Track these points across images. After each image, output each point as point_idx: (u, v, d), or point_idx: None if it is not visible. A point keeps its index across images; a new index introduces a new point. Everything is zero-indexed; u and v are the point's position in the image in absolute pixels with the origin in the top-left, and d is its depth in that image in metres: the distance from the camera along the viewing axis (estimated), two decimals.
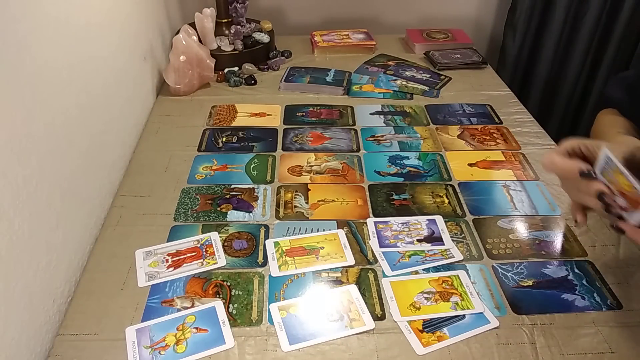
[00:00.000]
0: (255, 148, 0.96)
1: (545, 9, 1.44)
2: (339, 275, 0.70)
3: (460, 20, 1.52)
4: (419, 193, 0.85)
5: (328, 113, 1.08)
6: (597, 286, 0.68)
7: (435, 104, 1.11)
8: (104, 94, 0.85)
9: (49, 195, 0.65)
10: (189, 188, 0.85)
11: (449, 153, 0.95)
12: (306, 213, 0.80)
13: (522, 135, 1.00)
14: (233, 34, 1.23)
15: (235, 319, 0.63)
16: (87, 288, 0.68)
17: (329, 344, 0.61)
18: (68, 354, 0.59)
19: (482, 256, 0.73)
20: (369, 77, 1.22)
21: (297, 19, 1.51)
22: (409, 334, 0.62)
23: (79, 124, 0.75)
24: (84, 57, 0.78)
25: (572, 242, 0.75)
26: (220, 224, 0.78)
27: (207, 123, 1.03)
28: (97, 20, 0.84)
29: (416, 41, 1.35)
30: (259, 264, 0.71)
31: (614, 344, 0.61)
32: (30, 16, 0.62)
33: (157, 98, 1.12)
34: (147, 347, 0.60)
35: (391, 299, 0.66)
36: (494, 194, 0.85)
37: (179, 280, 0.68)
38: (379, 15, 1.52)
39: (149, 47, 1.09)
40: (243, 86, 1.18)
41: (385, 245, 0.74)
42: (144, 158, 0.93)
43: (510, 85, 1.23)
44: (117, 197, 0.83)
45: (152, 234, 0.75)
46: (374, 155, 0.94)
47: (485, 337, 0.62)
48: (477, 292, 0.67)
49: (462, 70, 1.25)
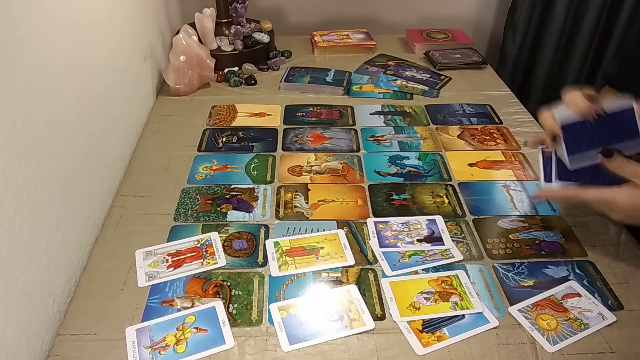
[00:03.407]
0: (255, 148, 0.96)
1: (545, 9, 1.44)
2: (339, 275, 0.70)
3: (460, 20, 1.52)
4: (419, 193, 0.85)
5: (328, 113, 1.08)
6: (597, 286, 0.68)
7: (435, 104, 1.11)
8: (103, 94, 0.85)
9: (49, 195, 0.65)
10: (189, 188, 0.85)
11: (449, 153, 0.95)
12: (306, 213, 0.80)
13: (522, 135, 1.00)
14: (233, 34, 1.23)
15: (235, 319, 0.63)
16: (87, 288, 0.68)
17: (329, 344, 0.61)
18: (68, 354, 0.59)
19: (482, 256, 0.73)
20: (369, 77, 1.22)
21: (297, 19, 1.51)
22: (408, 334, 0.62)
23: (79, 124, 0.75)
24: (84, 57, 0.78)
25: (572, 242, 0.75)
26: (220, 224, 0.78)
27: (207, 123, 1.03)
28: (97, 20, 0.84)
29: (416, 41, 1.35)
30: (259, 264, 0.71)
31: (614, 344, 0.61)
32: (31, 16, 0.62)
33: (157, 98, 1.12)
34: (147, 347, 0.60)
35: (391, 299, 0.66)
36: (494, 194, 0.85)
37: (179, 280, 0.68)
38: (379, 15, 1.52)
39: (149, 47, 1.09)
40: (243, 86, 1.18)
41: (385, 245, 0.74)
42: (144, 158, 0.93)
43: (510, 85, 1.23)
44: (117, 197, 0.83)
45: (152, 234, 0.75)
46: (374, 155, 0.94)
47: (485, 337, 0.62)
48: (476, 292, 0.67)
49: (462, 70, 1.25)
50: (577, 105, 0.67)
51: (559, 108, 0.69)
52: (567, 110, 0.68)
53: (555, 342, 0.61)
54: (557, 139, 0.69)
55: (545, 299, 0.66)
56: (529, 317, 0.64)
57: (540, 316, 0.64)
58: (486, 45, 1.61)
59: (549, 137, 0.70)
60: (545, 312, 0.64)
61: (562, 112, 0.69)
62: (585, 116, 0.67)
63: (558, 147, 0.70)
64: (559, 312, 0.64)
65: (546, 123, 0.70)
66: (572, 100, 0.68)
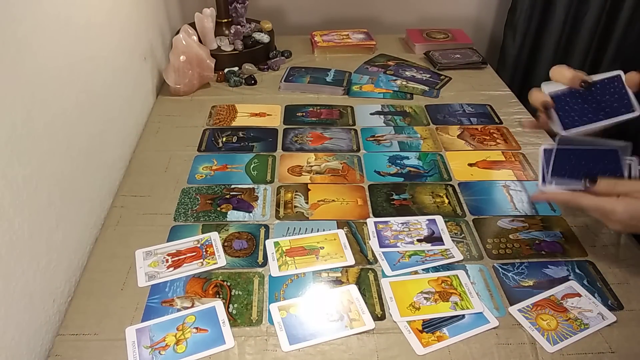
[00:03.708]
0: (255, 148, 0.96)
1: (545, 9, 1.44)
2: (339, 275, 0.70)
3: (460, 20, 1.52)
4: (419, 193, 0.85)
5: (328, 113, 1.08)
6: (597, 286, 0.68)
7: (435, 104, 1.11)
8: (103, 94, 0.85)
9: (49, 195, 0.65)
10: (189, 188, 0.85)
11: (449, 153, 0.95)
12: (306, 213, 0.80)
13: (522, 135, 1.00)
14: (233, 34, 1.23)
15: (235, 319, 0.63)
16: (87, 288, 0.68)
17: (329, 344, 0.61)
18: (68, 354, 0.59)
19: (482, 256, 0.73)
20: (369, 77, 1.22)
21: (297, 19, 1.51)
22: (408, 334, 0.62)
23: (79, 124, 0.75)
24: (84, 57, 0.78)
25: (572, 242, 0.75)
26: (220, 224, 0.78)
27: (207, 123, 1.03)
28: (97, 20, 0.84)
29: (416, 41, 1.35)
30: (259, 264, 0.71)
31: (614, 344, 0.61)
32: (31, 16, 0.62)
33: (157, 98, 1.12)
34: (147, 347, 0.60)
35: (391, 299, 0.66)
36: (494, 194, 0.85)
37: (179, 280, 0.68)
38: (379, 15, 1.52)
39: (149, 47, 1.09)
40: (243, 86, 1.18)
41: (385, 245, 0.74)
42: (144, 158, 0.93)
43: (510, 85, 1.23)
44: (117, 197, 0.83)
45: (152, 234, 0.75)
46: (374, 155, 0.94)
47: (485, 337, 0.62)
48: (476, 292, 0.67)
49: (462, 70, 1.25)
50: (563, 74, 0.68)
51: (547, 82, 0.70)
52: (554, 83, 0.69)
53: (555, 342, 0.61)
54: (548, 112, 0.69)
55: (545, 299, 0.66)
56: (529, 317, 0.64)
57: (540, 316, 0.64)
58: (486, 45, 1.61)
59: (541, 109, 0.69)
60: (545, 312, 0.64)
61: (550, 84, 0.69)
62: (572, 83, 0.67)
63: (550, 118, 0.69)
64: (559, 312, 0.64)
65: (535, 98, 0.70)
66: (559, 71, 0.68)
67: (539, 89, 0.70)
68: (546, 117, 0.69)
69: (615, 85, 0.66)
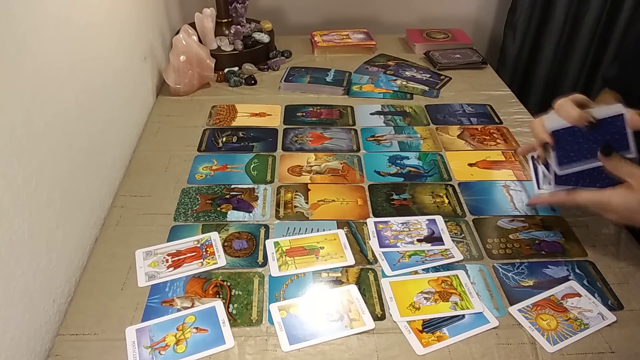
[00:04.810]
0: (255, 148, 0.96)
1: (545, 9, 1.44)
2: (339, 275, 0.70)
3: (460, 20, 1.52)
4: (419, 193, 0.85)
5: (328, 113, 1.08)
6: (597, 286, 0.68)
7: (435, 104, 1.11)
8: (103, 94, 0.85)
9: (49, 195, 0.65)
10: (189, 188, 0.85)
11: (449, 153, 0.95)
12: (306, 213, 0.80)
13: (522, 135, 1.00)
14: (233, 34, 1.23)
15: (235, 319, 0.63)
16: (87, 288, 0.68)
17: (329, 344, 0.61)
18: (68, 354, 0.59)
19: (482, 256, 0.73)
20: (369, 77, 1.22)
21: (297, 19, 1.51)
22: (408, 334, 0.62)
23: (79, 124, 0.75)
24: (84, 57, 0.78)
25: (572, 242, 0.75)
26: (220, 224, 0.78)
27: (207, 123, 1.03)
28: (97, 20, 0.84)
29: (416, 41, 1.35)
30: (259, 264, 0.71)
31: (614, 344, 0.61)
32: (31, 16, 0.62)
33: (157, 98, 1.12)
34: (147, 347, 0.60)
35: (391, 299, 0.66)
36: (494, 194, 0.85)
37: (179, 280, 0.68)
38: (379, 15, 1.52)
39: (149, 47, 1.09)
40: (243, 86, 1.18)
41: (385, 245, 0.74)
42: (144, 158, 0.93)
43: (510, 85, 1.23)
44: (117, 197, 0.83)
45: (152, 234, 0.75)
46: (374, 155, 0.94)
47: (485, 337, 0.62)
48: (476, 292, 0.67)
49: (462, 70, 1.25)
50: (568, 112, 0.67)
51: (549, 115, 0.70)
52: (557, 118, 0.68)
53: (555, 342, 0.61)
54: (546, 146, 0.69)
55: (545, 299, 0.66)
56: (529, 317, 0.64)
57: (540, 316, 0.64)
58: (486, 45, 1.61)
59: (539, 145, 0.70)
60: (545, 312, 0.64)
61: (552, 119, 0.69)
62: (577, 123, 0.67)
63: (548, 155, 0.70)
64: (559, 312, 0.64)
65: (536, 131, 0.70)
66: (563, 108, 0.68)
67: (540, 120, 0.70)
68: (544, 152, 0.70)
69: (617, 125, 0.66)
